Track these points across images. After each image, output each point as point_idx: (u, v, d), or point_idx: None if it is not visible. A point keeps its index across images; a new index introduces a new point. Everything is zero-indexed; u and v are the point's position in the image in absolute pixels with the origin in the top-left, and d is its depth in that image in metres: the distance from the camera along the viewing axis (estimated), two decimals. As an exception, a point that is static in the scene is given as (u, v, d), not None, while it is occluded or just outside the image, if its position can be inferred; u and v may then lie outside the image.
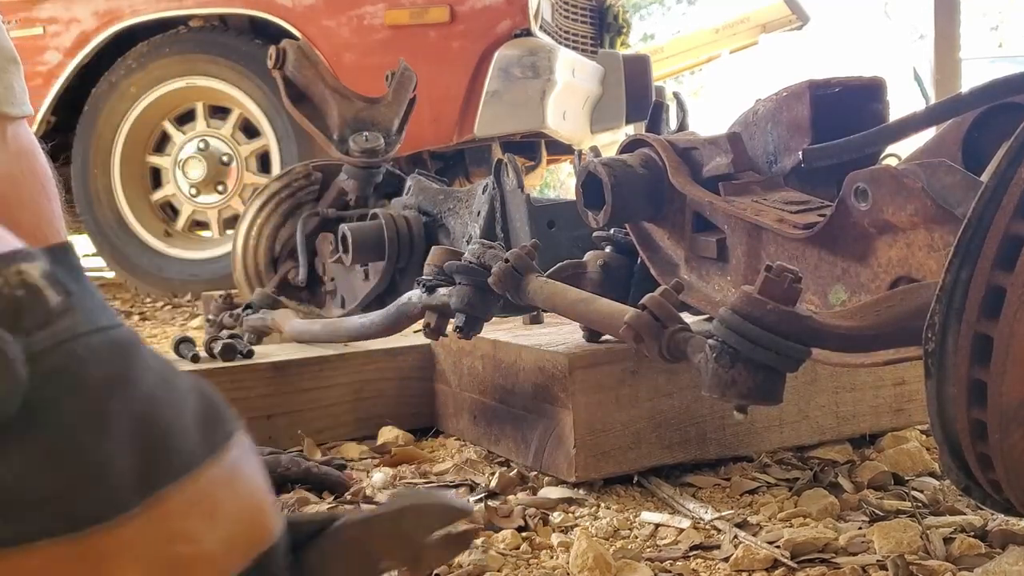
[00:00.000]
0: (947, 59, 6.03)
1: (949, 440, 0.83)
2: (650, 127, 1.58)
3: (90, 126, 3.89)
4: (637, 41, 10.52)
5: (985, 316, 0.76)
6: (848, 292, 1.06)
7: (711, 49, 7.43)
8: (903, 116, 1.04)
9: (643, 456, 1.27)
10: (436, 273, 1.31)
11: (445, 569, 1.00)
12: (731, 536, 1.08)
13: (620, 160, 1.32)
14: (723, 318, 0.90)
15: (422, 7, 3.67)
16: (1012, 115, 0.99)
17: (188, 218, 4.00)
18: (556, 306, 1.18)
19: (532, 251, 1.23)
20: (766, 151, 1.27)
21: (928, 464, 1.30)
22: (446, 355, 1.55)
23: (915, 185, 0.95)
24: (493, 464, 1.39)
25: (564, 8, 4.17)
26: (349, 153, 2.18)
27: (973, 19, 11.46)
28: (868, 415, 1.41)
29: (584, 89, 3.97)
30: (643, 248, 1.36)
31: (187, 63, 3.83)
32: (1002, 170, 0.76)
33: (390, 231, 2.03)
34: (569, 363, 1.24)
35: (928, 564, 0.97)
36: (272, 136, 3.77)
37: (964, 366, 0.78)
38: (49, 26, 3.86)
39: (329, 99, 2.21)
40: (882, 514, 1.13)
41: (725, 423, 1.31)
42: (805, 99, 1.21)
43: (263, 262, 2.37)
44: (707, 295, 1.25)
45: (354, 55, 3.68)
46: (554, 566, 1.02)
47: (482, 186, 1.92)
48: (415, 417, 1.58)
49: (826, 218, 1.06)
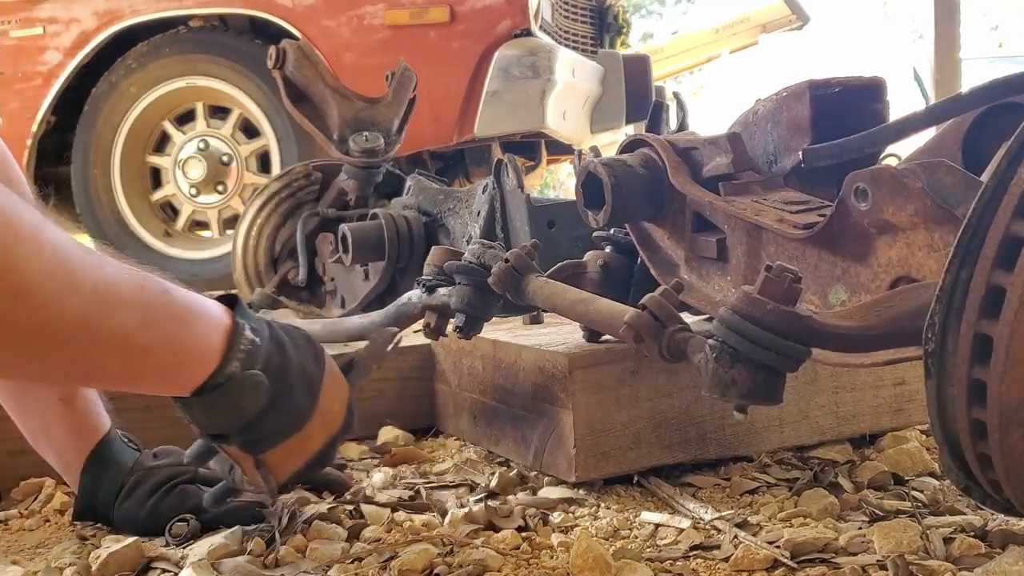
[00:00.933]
0: (947, 59, 6.03)
1: (949, 440, 0.83)
2: (650, 127, 1.58)
3: (90, 126, 3.89)
4: (637, 41, 10.53)
5: (985, 316, 0.76)
6: (848, 292, 1.06)
7: (711, 49, 7.43)
8: (903, 116, 1.04)
9: (643, 456, 1.27)
10: (436, 273, 1.31)
11: (445, 569, 1.01)
12: (731, 536, 1.08)
13: (620, 160, 1.32)
14: (723, 318, 0.90)
15: (422, 7, 3.67)
16: (1012, 115, 0.99)
17: (188, 218, 3.99)
18: (556, 306, 1.18)
19: (532, 251, 1.23)
20: (766, 151, 1.27)
21: (928, 464, 1.30)
22: (446, 355, 1.55)
23: (915, 185, 0.95)
24: (493, 464, 1.39)
25: (564, 8, 4.16)
26: (349, 153, 2.18)
27: (973, 19, 11.46)
28: (868, 415, 1.41)
29: (584, 89, 3.97)
30: (643, 248, 1.36)
31: (187, 63, 3.83)
32: (1002, 170, 0.76)
33: (390, 231, 2.03)
34: (569, 363, 1.24)
35: (928, 564, 0.97)
36: (272, 136, 3.77)
37: (964, 366, 0.78)
38: (49, 26, 3.85)
39: (329, 99, 2.20)
40: (882, 514, 1.13)
41: (725, 423, 1.31)
42: (805, 99, 1.21)
43: (263, 262, 2.37)
44: (707, 295, 1.25)
45: (354, 55, 3.68)
46: (554, 566, 1.02)
47: (482, 186, 1.92)
48: (415, 417, 1.58)
49: (826, 218, 1.06)
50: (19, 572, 1.04)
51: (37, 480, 1.31)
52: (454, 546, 1.07)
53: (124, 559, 1.04)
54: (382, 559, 1.04)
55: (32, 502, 1.28)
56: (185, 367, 0.92)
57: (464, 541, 1.08)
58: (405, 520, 1.15)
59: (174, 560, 1.06)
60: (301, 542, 1.08)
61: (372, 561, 1.03)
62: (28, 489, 1.31)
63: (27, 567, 1.06)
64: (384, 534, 1.12)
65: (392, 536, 1.11)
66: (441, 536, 1.10)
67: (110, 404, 1.23)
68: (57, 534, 1.18)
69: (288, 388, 0.98)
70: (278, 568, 1.04)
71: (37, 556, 1.11)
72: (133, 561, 1.04)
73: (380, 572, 1.01)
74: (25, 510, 1.26)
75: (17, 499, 1.30)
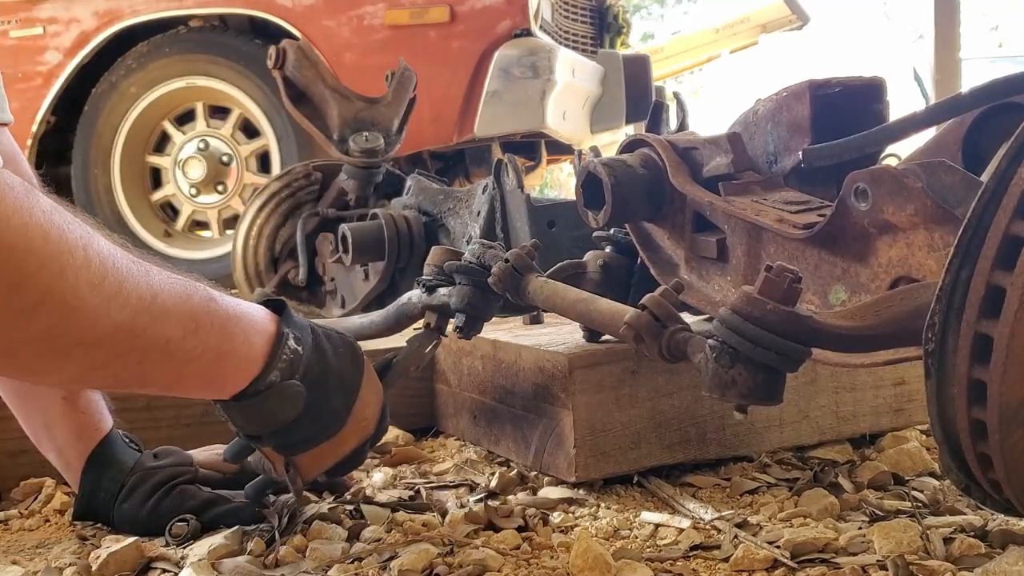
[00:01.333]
0: (947, 59, 6.03)
1: (949, 440, 0.83)
2: (650, 127, 1.58)
3: (90, 126, 3.89)
4: (637, 41, 10.52)
5: (985, 316, 0.76)
6: (848, 292, 1.06)
7: (711, 49, 7.43)
8: (903, 116, 1.05)
9: (643, 456, 1.27)
10: (436, 273, 1.31)
11: (445, 569, 1.01)
12: (731, 536, 1.08)
13: (620, 160, 1.32)
14: (723, 318, 0.90)
15: (422, 7, 3.67)
16: (1012, 115, 0.99)
17: (188, 218, 4.00)
18: (556, 306, 1.18)
19: (532, 251, 1.23)
20: (766, 151, 1.27)
21: (928, 464, 1.30)
22: (446, 355, 1.55)
23: (915, 185, 0.95)
24: (493, 464, 1.39)
25: (564, 8, 4.16)
26: (349, 153, 2.18)
27: (973, 19, 11.46)
28: (868, 415, 1.41)
29: (584, 89, 3.97)
30: (643, 248, 1.36)
31: (187, 63, 3.83)
32: (1002, 170, 0.76)
33: (390, 231, 2.03)
34: (569, 363, 1.24)
35: (928, 564, 0.97)
36: (272, 136, 3.77)
37: (964, 366, 0.78)
38: (49, 26, 3.85)
39: (329, 99, 2.21)
40: (882, 514, 1.13)
41: (725, 423, 1.31)
42: (805, 99, 1.21)
43: (263, 262, 2.37)
44: (707, 295, 1.25)
45: (354, 55, 3.68)
46: (554, 566, 1.02)
47: (482, 186, 1.92)
48: (415, 417, 1.58)
49: (826, 218, 1.06)
50: (19, 572, 1.04)
51: (37, 480, 1.31)
52: (454, 546, 1.07)
53: (124, 559, 1.04)
54: (382, 559, 1.04)
55: (32, 502, 1.28)
56: (228, 374, 0.94)
57: (464, 541, 1.08)
58: (405, 520, 1.15)
59: (174, 560, 1.06)
60: (301, 542, 1.08)
61: (372, 561, 1.03)
62: (28, 489, 1.31)
63: (27, 567, 1.06)
64: (384, 534, 1.12)
65: (392, 536, 1.11)
66: (441, 536, 1.10)
67: (111, 404, 1.23)
68: (57, 534, 1.18)
69: (325, 396, 1.02)
70: (278, 568, 1.04)
71: (37, 556, 1.11)
72: (133, 561, 1.04)
73: (380, 572, 1.01)
74: (25, 510, 1.26)
75: (17, 499, 1.30)
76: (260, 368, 0.96)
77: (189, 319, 0.87)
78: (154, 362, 0.86)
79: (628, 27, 4.58)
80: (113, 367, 0.84)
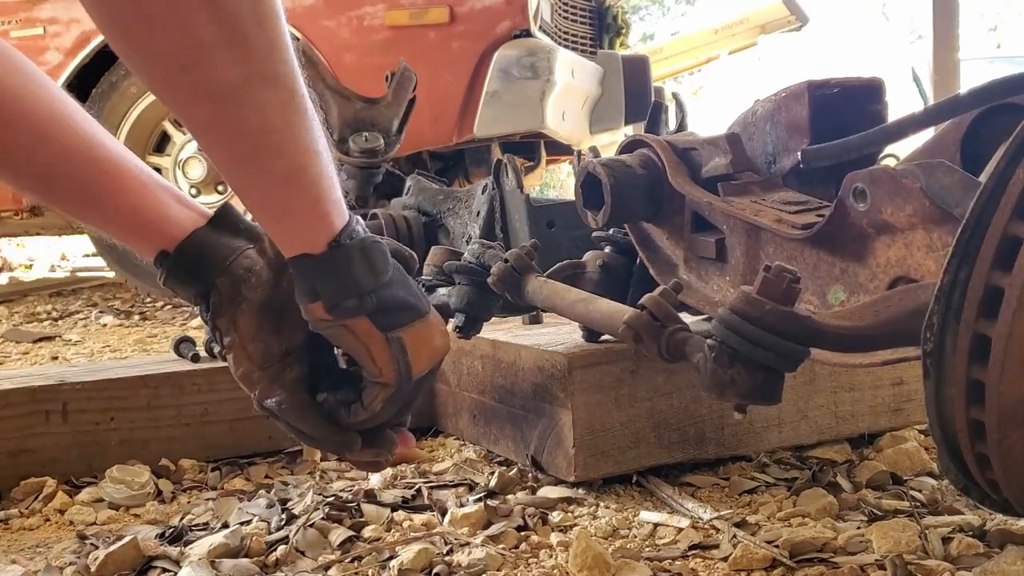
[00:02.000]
0: (946, 60, 6.03)
1: (947, 440, 0.83)
2: (649, 127, 1.59)
3: (90, 126, 3.88)
4: (636, 42, 10.53)
5: (983, 316, 0.76)
6: (847, 292, 1.06)
7: (710, 50, 7.44)
8: (902, 117, 1.05)
9: (642, 456, 1.27)
10: (436, 273, 1.31)
11: (445, 568, 1.01)
12: (730, 535, 1.08)
13: (619, 160, 1.32)
14: (722, 318, 0.90)
15: (422, 8, 3.67)
16: (1011, 116, 0.99)
17: (188, 218, 3.99)
18: (555, 306, 1.18)
19: (532, 251, 1.24)
20: (765, 151, 1.27)
21: (926, 464, 1.30)
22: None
23: (914, 185, 0.95)
24: (493, 464, 1.39)
25: (563, 9, 4.17)
26: (349, 153, 2.18)
27: (972, 20, 11.47)
28: (866, 415, 1.41)
29: (583, 89, 3.97)
30: (642, 248, 1.36)
31: (187, 63, 3.82)
32: (1000, 170, 0.76)
33: (390, 231, 2.03)
34: (568, 363, 1.24)
35: (926, 564, 0.97)
36: (272, 136, 3.76)
37: (962, 366, 0.78)
38: (49, 26, 3.85)
39: (329, 99, 2.21)
40: (880, 514, 1.13)
41: (724, 423, 1.31)
42: (804, 100, 1.21)
43: (263, 262, 2.37)
44: (706, 295, 1.26)
45: (354, 55, 3.68)
46: (553, 565, 1.02)
47: (482, 186, 1.92)
48: (415, 417, 1.58)
49: (825, 218, 1.07)
50: (19, 572, 1.04)
51: (37, 480, 1.31)
52: (454, 546, 1.07)
53: (123, 558, 1.04)
54: (382, 559, 1.04)
55: (32, 502, 1.28)
56: (332, 207, 0.90)
57: (464, 540, 1.08)
58: (405, 520, 1.16)
59: (173, 559, 1.06)
60: (301, 542, 1.08)
61: (372, 560, 1.03)
62: (28, 489, 1.31)
63: (27, 567, 1.06)
64: (384, 533, 1.12)
65: (392, 535, 1.11)
66: (441, 535, 1.10)
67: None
68: (57, 534, 1.19)
69: (408, 273, 0.98)
70: (278, 568, 1.04)
71: (37, 556, 1.11)
72: (133, 560, 1.04)
73: (380, 571, 1.01)
74: (25, 509, 1.26)
75: (17, 499, 1.30)
76: (348, 218, 0.91)
77: (324, 146, 0.88)
78: (290, 151, 0.84)
79: (627, 28, 4.58)
80: (260, 115, 0.81)
